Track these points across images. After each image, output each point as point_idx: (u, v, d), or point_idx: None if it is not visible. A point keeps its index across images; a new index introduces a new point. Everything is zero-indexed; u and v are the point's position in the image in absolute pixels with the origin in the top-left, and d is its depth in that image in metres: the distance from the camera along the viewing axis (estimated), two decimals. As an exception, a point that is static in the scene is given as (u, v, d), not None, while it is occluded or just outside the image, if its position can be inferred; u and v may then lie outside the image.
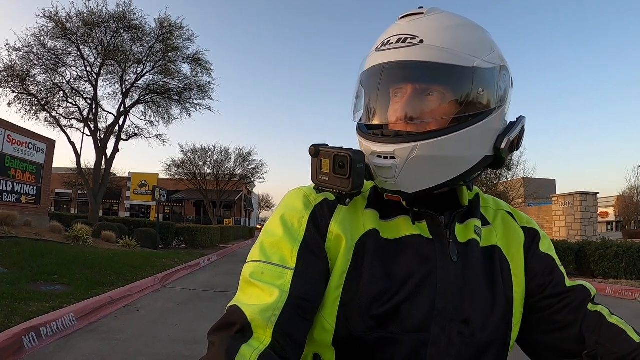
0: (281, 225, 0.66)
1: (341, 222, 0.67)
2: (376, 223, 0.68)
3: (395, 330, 0.62)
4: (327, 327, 0.64)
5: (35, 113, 16.94)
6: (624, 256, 9.62)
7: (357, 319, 0.62)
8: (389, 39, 0.65)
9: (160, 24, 17.32)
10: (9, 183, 11.84)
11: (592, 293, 0.72)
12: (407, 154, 0.62)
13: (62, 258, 7.23)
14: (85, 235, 10.24)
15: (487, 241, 0.72)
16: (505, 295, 0.69)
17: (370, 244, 0.66)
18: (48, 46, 16.29)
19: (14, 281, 5.18)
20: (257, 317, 0.57)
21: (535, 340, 0.72)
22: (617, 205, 36.80)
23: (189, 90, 18.98)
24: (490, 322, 0.66)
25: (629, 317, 5.61)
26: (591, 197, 14.93)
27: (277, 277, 0.61)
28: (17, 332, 3.43)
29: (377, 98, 0.68)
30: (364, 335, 0.62)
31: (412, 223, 0.68)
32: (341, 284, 0.64)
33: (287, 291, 0.60)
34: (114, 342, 3.94)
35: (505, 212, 0.79)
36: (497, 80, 0.66)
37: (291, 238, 0.65)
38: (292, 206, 0.69)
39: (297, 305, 0.60)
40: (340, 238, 0.65)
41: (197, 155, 30.61)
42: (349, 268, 0.65)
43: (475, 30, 0.67)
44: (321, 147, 0.64)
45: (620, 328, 0.66)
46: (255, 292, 0.61)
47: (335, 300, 0.64)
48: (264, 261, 0.64)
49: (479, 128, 0.64)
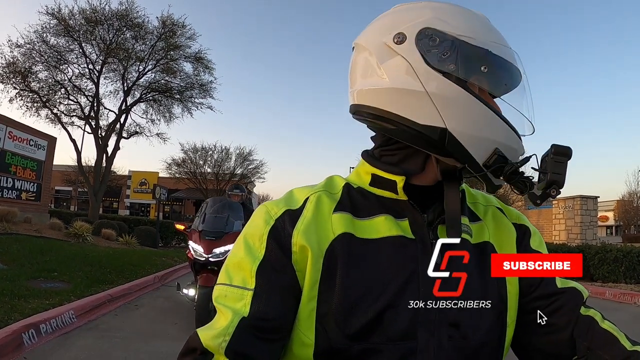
0: (243, 245, 0.65)
1: (304, 232, 0.63)
2: (349, 225, 0.64)
3: (379, 340, 0.59)
4: (306, 342, 0.62)
5: (37, 110, 16.96)
6: (623, 260, 9.62)
7: (336, 331, 0.59)
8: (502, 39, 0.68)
9: (163, 23, 17.35)
10: (9, 179, 11.85)
11: (584, 295, 0.69)
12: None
13: (62, 255, 7.23)
14: (85, 232, 10.25)
15: (478, 237, 0.69)
16: (499, 293, 0.66)
17: (343, 249, 0.62)
18: (50, 43, 16.32)
19: (14, 278, 5.18)
20: (210, 344, 0.58)
21: (525, 342, 0.69)
22: (617, 210, 36.78)
23: (191, 89, 18.99)
24: (483, 323, 0.63)
25: (629, 321, 5.54)
26: (591, 200, 14.93)
27: (238, 299, 0.61)
28: (17, 328, 3.43)
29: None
30: (345, 348, 0.59)
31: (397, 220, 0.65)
32: (314, 296, 0.61)
33: (246, 313, 0.59)
34: (114, 339, 3.95)
35: (496, 208, 0.76)
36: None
37: (251, 257, 0.63)
38: (254, 224, 0.66)
39: (254, 326, 0.59)
40: (305, 249, 0.62)
41: (197, 154, 30.56)
42: (320, 278, 0.61)
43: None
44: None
45: (613, 335, 0.64)
46: (218, 315, 0.62)
47: (311, 313, 0.61)
48: (227, 284, 0.63)
49: None
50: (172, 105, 19.29)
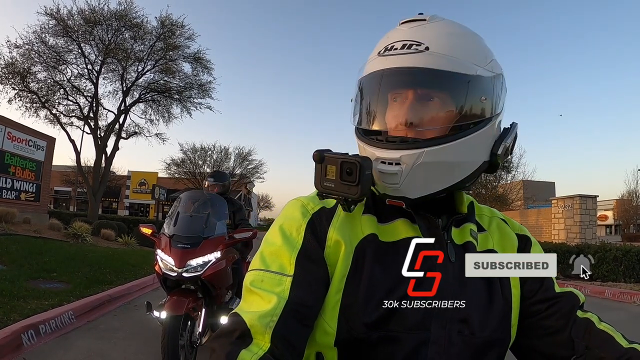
0: (280, 234, 0.68)
1: (339, 229, 0.68)
2: (374, 227, 0.69)
3: (396, 328, 0.63)
4: (328, 330, 0.65)
5: (36, 110, 16.93)
6: (622, 259, 9.65)
7: (358, 321, 0.63)
8: (392, 44, 0.66)
9: (162, 23, 17.32)
10: (8, 180, 11.83)
11: (581, 300, 0.74)
12: (413, 160, 0.63)
13: (61, 256, 7.22)
14: (85, 233, 10.24)
15: (483, 246, 0.74)
16: (504, 296, 0.70)
17: (369, 248, 0.67)
18: (49, 43, 16.30)
19: (13, 278, 5.16)
20: (256, 323, 0.59)
21: (525, 344, 0.73)
22: (616, 209, 36.82)
23: (190, 89, 18.97)
24: (489, 322, 0.67)
25: (628, 320, 5.54)
26: (590, 200, 14.94)
27: (276, 284, 0.63)
28: (16, 329, 3.42)
29: (380, 103, 0.68)
30: (365, 336, 0.63)
31: (414, 224, 0.69)
32: (341, 288, 0.65)
33: (286, 297, 0.62)
34: (113, 340, 3.94)
35: (500, 219, 0.81)
36: (496, 88, 0.67)
37: (290, 246, 0.66)
38: (290, 216, 0.70)
39: (295, 311, 0.61)
40: (339, 244, 0.67)
41: (196, 154, 30.60)
42: (348, 272, 0.66)
43: (475, 38, 0.69)
44: (326, 153, 0.64)
45: (609, 334, 0.68)
46: (255, 299, 0.63)
47: (336, 304, 0.65)
48: (263, 269, 0.66)
49: (481, 135, 0.66)
50: (171, 105, 19.30)
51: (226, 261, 3.26)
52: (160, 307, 3.09)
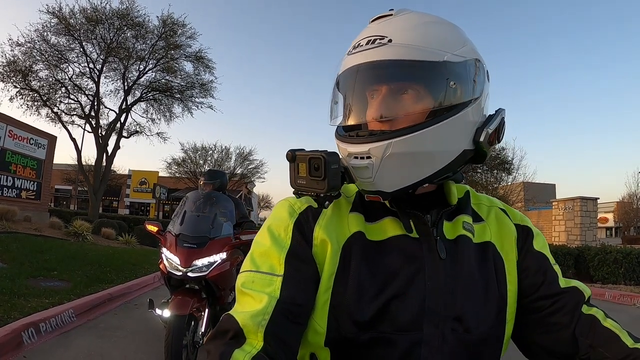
0: (269, 235, 0.68)
1: (325, 227, 0.68)
2: (362, 225, 0.69)
3: (387, 330, 0.63)
4: (318, 330, 0.65)
5: (37, 109, 16.98)
6: (623, 262, 9.63)
7: (347, 321, 0.63)
8: (359, 42, 0.66)
9: (163, 22, 17.36)
10: (9, 178, 11.85)
11: (587, 294, 0.72)
12: (382, 152, 0.62)
13: (62, 254, 7.23)
14: (85, 231, 10.25)
15: (480, 237, 0.72)
16: (499, 291, 0.69)
17: (356, 246, 0.67)
18: (51, 42, 16.34)
19: (14, 276, 5.17)
20: (248, 323, 0.59)
21: (530, 340, 0.72)
22: (616, 211, 36.75)
23: (191, 89, 19.01)
24: (484, 319, 0.66)
25: (628, 323, 5.55)
26: (591, 202, 14.93)
27: (267, 284, 0.64)
28: (16, 327, 3.42)
29: (352, 100, 0.68)
30: (355, 336, 0.63)
31: (401, 222, 0.68)
32: (330, 287, 0.65)
33: (277, 297, 0.62)
34: (113, 339, 3.95)
35: (499, 209, 0.79)
36: (471, 73, 0.66)
37: (278, 247, 0.67)
38: (278, 216, 0.71)
39: (287, 309, 0.62)
40: (325, 243, 0.67)
41: (197, 153, 30.56)
42: (336, 271, 0.66)
43: (444, 26, 0.67)
44: (297, 152, 0.64)
45: (614, 332, 0.66)
46: (247, 300, 0.64)
47: (325, 303, 0.65)
48: (254, 270, 0.66)
49: (454, 121, 0.63)
50: (173, 104, 19.34)
51: (231, 262, 3.26)
52: (162, 305, 3.11)
